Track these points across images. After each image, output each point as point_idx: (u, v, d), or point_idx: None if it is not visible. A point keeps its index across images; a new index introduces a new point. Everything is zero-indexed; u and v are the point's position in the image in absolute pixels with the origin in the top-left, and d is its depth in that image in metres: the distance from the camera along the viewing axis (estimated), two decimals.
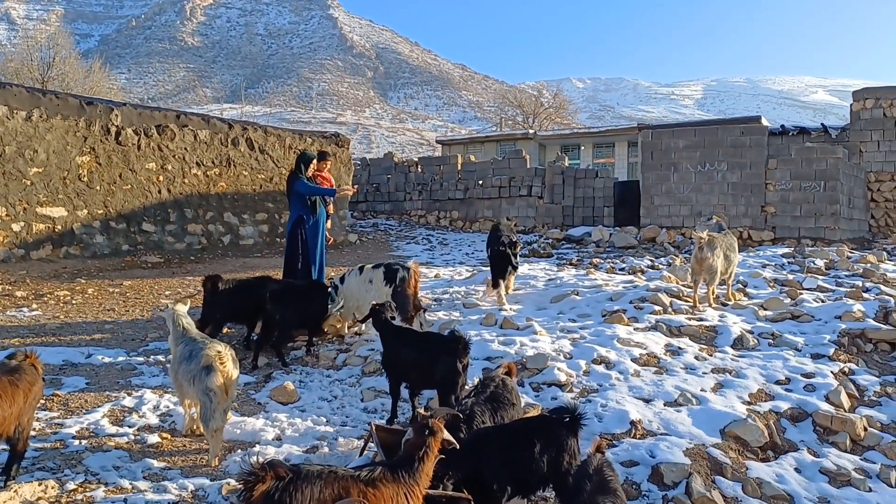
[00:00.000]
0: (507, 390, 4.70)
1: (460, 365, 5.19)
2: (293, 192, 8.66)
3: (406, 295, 7.55)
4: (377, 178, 23.50)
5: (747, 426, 5.42)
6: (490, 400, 4.54)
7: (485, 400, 4.53)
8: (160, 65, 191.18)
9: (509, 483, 4.09)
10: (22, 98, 11.16)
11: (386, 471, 3.32)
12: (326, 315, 7.81)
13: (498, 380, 4.79)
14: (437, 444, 3.50)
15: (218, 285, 7.21)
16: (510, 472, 4.06)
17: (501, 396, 4.60)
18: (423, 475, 3.43)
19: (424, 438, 3.47)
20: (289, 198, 8.86)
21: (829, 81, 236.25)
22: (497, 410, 4.51)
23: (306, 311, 7.46)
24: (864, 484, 4.99)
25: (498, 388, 4.67)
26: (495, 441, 4.17)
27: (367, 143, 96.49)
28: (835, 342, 7.39)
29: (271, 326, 7.25)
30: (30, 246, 11.11)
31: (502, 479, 4.04)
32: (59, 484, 4.33)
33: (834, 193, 15.14)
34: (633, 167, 29.04)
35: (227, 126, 14.73)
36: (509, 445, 4.10)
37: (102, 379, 6.37)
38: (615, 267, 12.11)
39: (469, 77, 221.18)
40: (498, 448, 4.10)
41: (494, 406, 4.52)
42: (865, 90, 18.68)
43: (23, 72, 32.68)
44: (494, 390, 4.63)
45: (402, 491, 3.29)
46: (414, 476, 3.37)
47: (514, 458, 4.06)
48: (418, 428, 3.54)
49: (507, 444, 4.12)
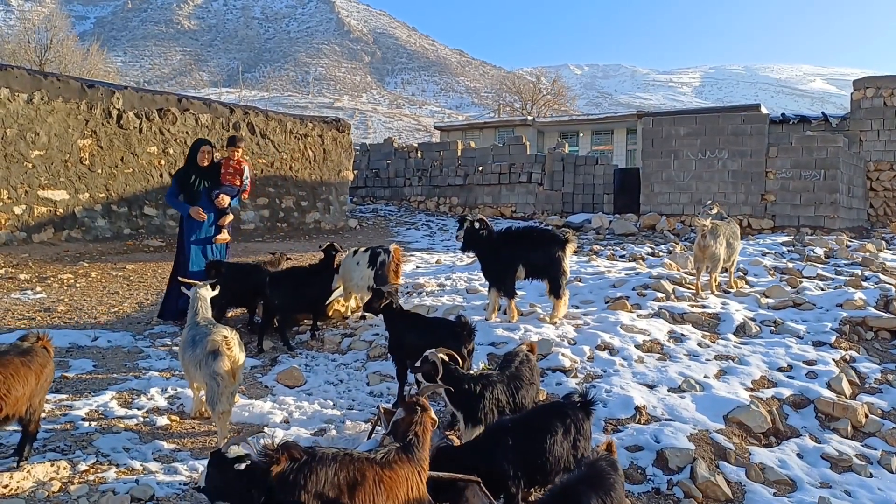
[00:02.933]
0: (530, 367, 4.84)
1: (465, 350, 5.23)
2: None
3: (386, 276, 7.70)
4: (377, 163, 23.48)
5: (750, 412, 5.48)
6: (512, 378, 4.66)
7: (508, 376, 4.65)
8: (156, 48, 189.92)
9: (529, 474, 4.12)
10: (23, 80, 11.10)
11: (399, 452, 3.35)
12: (328, 299, 7.88)
13: (523, 355, 4.90)
14: (429, 421, 3.52)
15: (221, 270, 7.23)
16: (530, 463, 4.08)
17: (523, 375, 4.73)
18: (425, 452, 3.46)
19: (414, 416, 3.50)
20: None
21: (827, 70, 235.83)
22: (518, 389, 4.64)
23: (306, 295, 7.51)
24: (866, 470, 5.07)
25: (522, 363, 4.80)
26: (513, 434, 4.19)
27: (363, 128, 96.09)
28: (836, 330, 7.45)
29: (272, 311, 7.31)
30: (31, 229, 11.10)
31: (521, 471, 4.07)
32: (71, 465, 4.37)
33: (834, 182, 15.18)
34: (631, 154, 29.06)
35: (229, 110, 14.68)
36: (528, 436, 4.12)
37: (109, 362, 6.40)
38: (615, 254, 12.15)
39: (467, 63, 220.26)
40: (516, 440, 4.12)
41: (516, 384, 4.64)
42: (866, 79, 18.70)
43: (20, 54, 32.50)
44: (519, 366, 4.76)
45: (416, 470, 3.33)
46: (418, 454, 3.41)
47: (534, 447, 4.08)
48: (408, 406, 3.57)
49: (526, 435, 4.14)
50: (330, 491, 3.05)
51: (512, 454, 3.95)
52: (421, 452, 3.42)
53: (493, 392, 4.51)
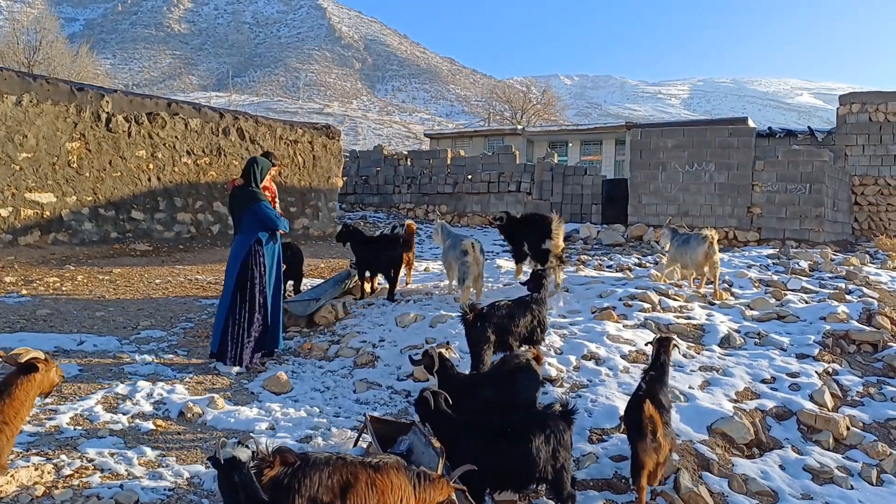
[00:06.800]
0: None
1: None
2: (250, 211, 6.81)
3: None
4: (366, 170, 23.49)
5: (734, 423, 5.54)
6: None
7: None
8: (146, 51, 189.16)
9: (499, 479, 4.16)
10: (12, 82, 11.05)
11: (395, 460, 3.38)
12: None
13: (523, 359, 5.13)
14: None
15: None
16: (501, 469, 4.11)
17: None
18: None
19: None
20: (238, 216, 6.98)
21: (814, 84, 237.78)
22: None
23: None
24: (847, 482, 5.12)
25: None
26: (486, 437, 4.23)
27: (353, 134, 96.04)
28: (819, 343, 7.52)
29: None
30: (18, 231, 11.03)
31: (490, 476, 4.10)
32: (56, 469, 4.35)
33: (819, 196, 15.33)
34: (619, 165, 29.21)
35: (219, 115, 14.67)
36: (501, 441, 4.16)
37: (95, 366, 6.37)
38: (603, 264, 12.20)
39: (457, 71, 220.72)
40: (488, 444, 4.16)
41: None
42: (852, 94, 18.92)
43: (8, 55, 32.33)
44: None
45: (411, 483, 3.34)
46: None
47: (507, 453, 4.11)
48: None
49: (499, 439, 4.18)
50: (323, 494, 3.07)
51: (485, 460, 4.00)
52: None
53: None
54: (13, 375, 3.79)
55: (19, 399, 3.71)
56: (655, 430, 4.33)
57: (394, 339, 7.55)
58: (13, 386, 3.72)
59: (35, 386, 3.82)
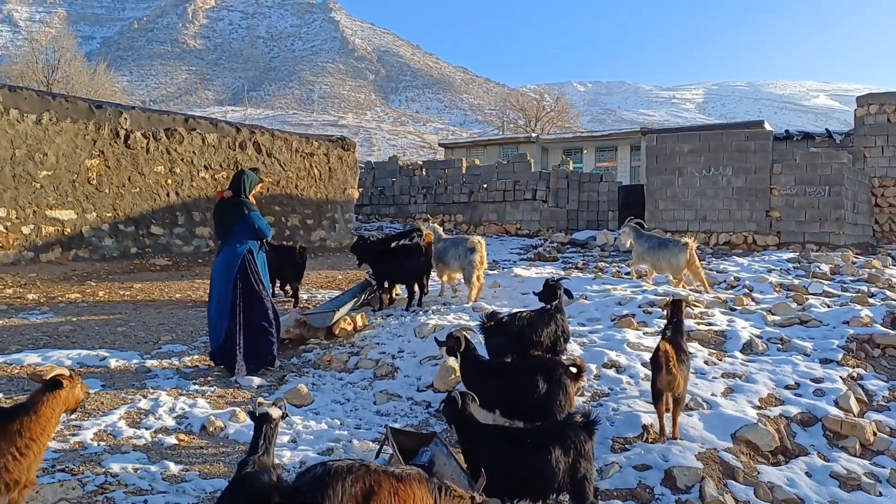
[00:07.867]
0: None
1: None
2: (243, 221, 6.86)
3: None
4: (382, 181, 23.56)
5: (758, 431, 5.47)
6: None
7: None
8: (162, 67, 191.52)
9: (517, 488, 4.13)
10: (32, 101, 11.22)
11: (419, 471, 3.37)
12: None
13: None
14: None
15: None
16: (519, 477, 4.09)
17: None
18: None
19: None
20: (228, 226, 6.96)
21: (830, 86, 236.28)
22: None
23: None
24: (875, 488, 5.04)
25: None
26: (506, 444, 4.22)
27: (368, 145, 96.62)
28: (843, 347, 7.42)
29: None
30: (39, 249, 11.18)
31: (508, 484, 4.08)
32: (81, 485, 4.38)
33: (838, 198, 15.18)
34: (635, 171, 29.11)
35: (235, 130, 14.79)
36: (521, 450, 4.14)
37: (117, 381, 6.42)
38: (620, 271, 12.15)
39: (470, 80, 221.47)
40: (507, 452, 4.14)
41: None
42: (870, 95, 18.73)
43: (28, 74, 32.82)
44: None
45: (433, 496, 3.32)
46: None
47: (526, 463, 4.09)
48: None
49: (519, 448, 4.16)
50: (347, 502, 3.07)
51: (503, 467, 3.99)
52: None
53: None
54: (39, 392, 3.81)
55: (45, 416, 3.74)
56: (669, 362, 5.09)
57: (413, 350, 7.53)
58: (39, 403, 3.75)
59: (60, 402, 3.85)
